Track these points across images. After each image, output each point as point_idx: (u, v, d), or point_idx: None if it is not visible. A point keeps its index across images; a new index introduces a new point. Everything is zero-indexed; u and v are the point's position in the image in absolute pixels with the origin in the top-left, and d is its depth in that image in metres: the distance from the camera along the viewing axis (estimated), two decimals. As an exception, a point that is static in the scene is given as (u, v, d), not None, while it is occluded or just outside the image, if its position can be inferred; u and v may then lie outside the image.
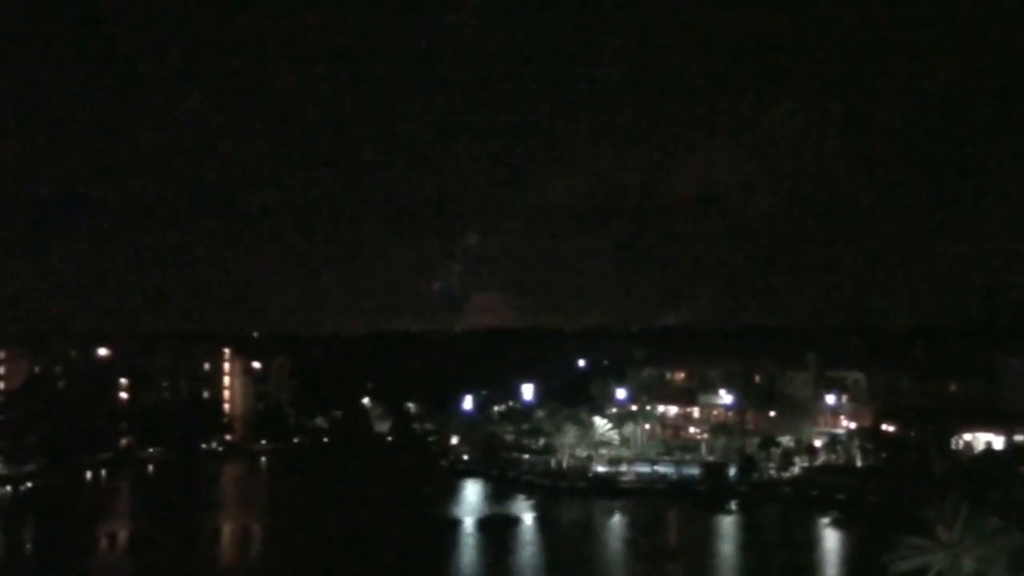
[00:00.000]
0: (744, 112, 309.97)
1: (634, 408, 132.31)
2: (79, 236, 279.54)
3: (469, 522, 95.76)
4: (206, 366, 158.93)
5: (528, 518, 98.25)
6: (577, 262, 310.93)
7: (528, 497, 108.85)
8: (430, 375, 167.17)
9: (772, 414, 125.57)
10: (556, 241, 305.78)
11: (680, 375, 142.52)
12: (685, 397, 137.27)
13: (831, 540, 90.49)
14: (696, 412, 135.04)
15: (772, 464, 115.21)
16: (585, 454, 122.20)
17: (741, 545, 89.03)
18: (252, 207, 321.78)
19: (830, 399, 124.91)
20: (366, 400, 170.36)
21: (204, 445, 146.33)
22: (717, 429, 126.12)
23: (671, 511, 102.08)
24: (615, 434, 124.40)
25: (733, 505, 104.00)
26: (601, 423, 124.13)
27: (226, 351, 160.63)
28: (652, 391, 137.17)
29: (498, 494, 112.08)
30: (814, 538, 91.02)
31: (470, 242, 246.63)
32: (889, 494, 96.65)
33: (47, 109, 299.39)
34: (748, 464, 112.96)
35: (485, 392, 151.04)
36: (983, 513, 51.38)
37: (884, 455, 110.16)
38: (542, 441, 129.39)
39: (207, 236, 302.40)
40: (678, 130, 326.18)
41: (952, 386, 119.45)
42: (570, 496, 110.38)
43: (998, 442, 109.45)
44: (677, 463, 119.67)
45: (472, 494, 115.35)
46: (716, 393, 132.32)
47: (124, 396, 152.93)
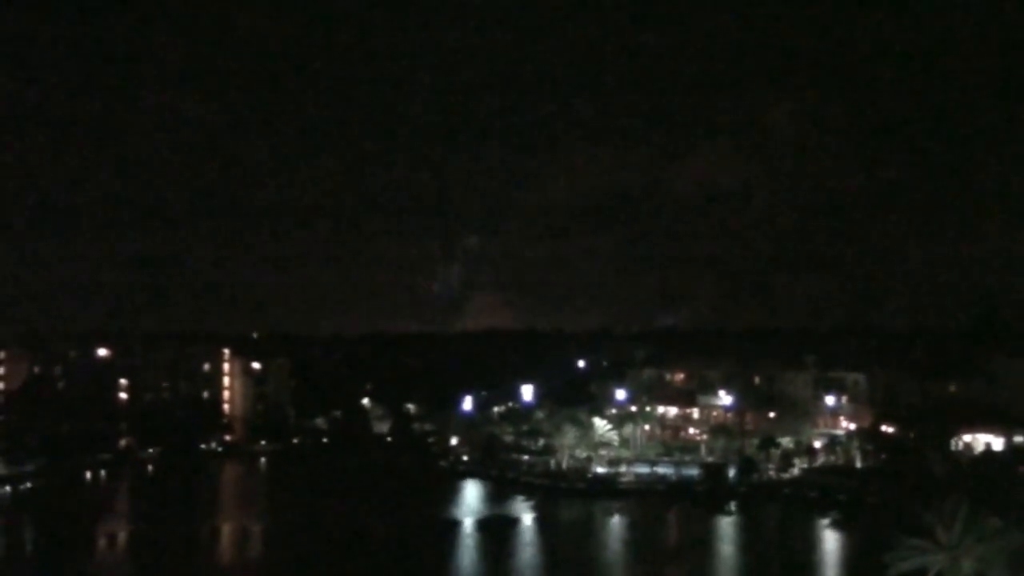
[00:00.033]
0: (744, 112, 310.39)
1: (634, 409, 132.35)
2: (79, 236, 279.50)
3: (468, 523, 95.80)
4: (206, 366, 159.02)
5: (527, 519, 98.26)
6: (577, 262, 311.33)
7: (527, 498, 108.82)
8: (430, 376, 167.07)
9: (772, 415, 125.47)
10: (556, 242, 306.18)
11: (680, 376, 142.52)
12: (685, 398, 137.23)
13: (831, 541, 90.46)
14: (696, 413, 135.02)
15: (772, 465, 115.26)
16: (585, 455, 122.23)
17: (741, 546, 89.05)
18: (252, 207, 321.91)
19: (830, 400, 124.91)
20: (366, 401, 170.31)
21: (204, 445, 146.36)
22: (717, 430, 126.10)
23: (671, 512, 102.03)
24: (615, 435, 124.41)
25: (733, 506, 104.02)
26: (601, 424, 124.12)
27: (226, 351, 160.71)
28: (652, 392, 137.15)
29: (497, 495, 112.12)
30: (814, 539, 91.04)
31: (470, 242, 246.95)
32: (889, 495, 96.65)
33: (47, 109, 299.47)
34: (748, 465, 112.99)
35: (485, 393, 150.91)
36: (983, 514, 51.38)
37: (884, 456, 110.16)
38: (541, 442, 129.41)
39: (207, 236, 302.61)
40: (678, 130, 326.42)
41: (952, 387, 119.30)
42: (569, 497, 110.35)
43: (998, 443, 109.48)
44: (677, 464, 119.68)
45: (471, 495, 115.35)
46: (716, 394, 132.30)
47: (124, 396, 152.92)
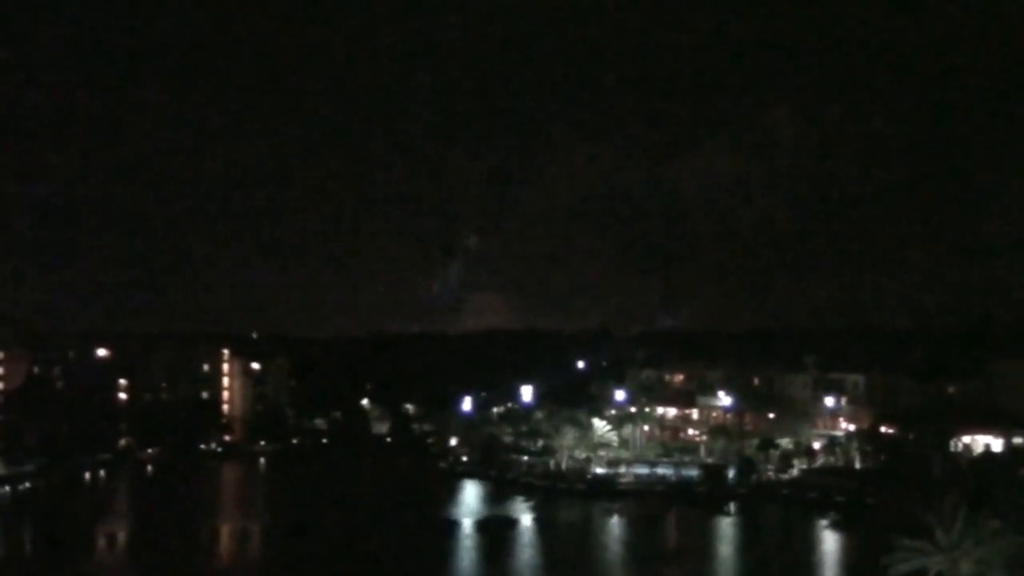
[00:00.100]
0: (744, 112, 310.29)
1: (633, 410, 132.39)
2: (79, 236, 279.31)
3: (468, 523, 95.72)
4: (205, 367, 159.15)
5: (526, 519, 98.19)
6: (576, 263, 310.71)
7: (527, 498, 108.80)
8: (429, 376, 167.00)
9: (771, 416, 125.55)
10: (555, 242, 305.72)
11: (679, 377, 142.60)
12: (684, 399, 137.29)
13: (830, 542, 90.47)
14: (695, 414, 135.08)
15: (771, 466, 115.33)
16: (584, 456, 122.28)
17: (740, 547, 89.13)
18: (251, 207, 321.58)
19: (829, 401, 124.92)
20: (365, 401, 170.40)
21: (203, 446, 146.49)
22: (716, 431, 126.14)
23: (670, 513, 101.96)
24: (614, 436, 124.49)
25: (732, 507, 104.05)
26: (600, 425, 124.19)
27: (225, 352, 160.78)
28: (651, 393, 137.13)
29: (497, 495, 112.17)
30: (813, 540, 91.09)
31: (469, 242, 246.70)
32: (888, 496, 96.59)
33: (47, 109, 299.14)
34: (747, 466, 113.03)
35: (484, 393, 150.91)
36: (982, 515, 51.44)
37: (883, 457, 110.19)
38: (541, 442, 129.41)
39: (207, 236, 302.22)
40: (678, 130, 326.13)
41: (951, 388, 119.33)
42: (569, 498, 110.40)
43: (997, 444, 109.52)
44: (676, 465, 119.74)
45: (471, 495, 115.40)
46: (715, 395, 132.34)
47: (123, 396, 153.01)
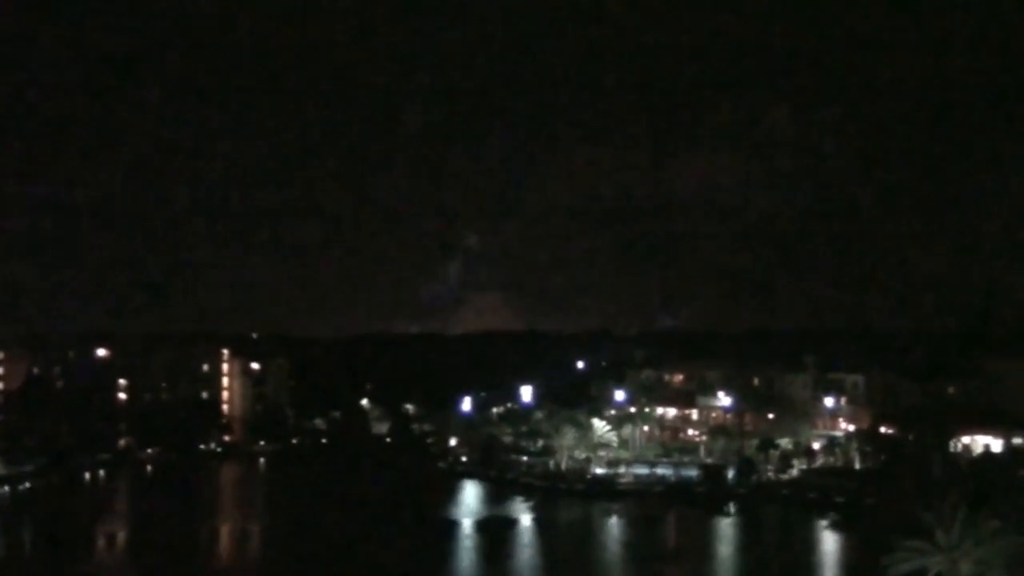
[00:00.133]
0: (744, 113, 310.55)
1: (633, 410, 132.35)
2: (80, 236, 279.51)
3: (467, 523, 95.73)
4: (205, 367, 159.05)
5: (526, 520, 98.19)
6: (576, 263, 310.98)
7: (526, 499, 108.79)
8: (429, 376, 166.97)
9: (771, 416, 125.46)
10: (555, 242, 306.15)
11: (679, 377, 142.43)
12: (684, 399, 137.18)
13: (829, 542, 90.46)
14: (695, 414, 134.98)
15: (771, 466, 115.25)
16: (584, 456, 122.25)
17: (740, 547, 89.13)
18: (251, 208, 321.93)
19: (829, 401, 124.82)
20: (365, 401, 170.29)
21: (203, 446, 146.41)
22: (716, 431, 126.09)
23: (670, 513, 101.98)
24: (614, 436, 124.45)
25: (731, 507, 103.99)
26: (600, 425, 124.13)
27: (225, 352, 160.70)
28: (651, 393, 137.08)
29: (496, 495, 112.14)
30: (813, 540, 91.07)
31: (469, 243, 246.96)
32: (887, 496, 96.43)
33: (47, 109, 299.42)
34: (747, 466, 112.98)
35: (484, 393, 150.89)
36: (981, 516, 51.40)
37: (882, 457, 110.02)
38: (541, 443, 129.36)
39: (207, 237, 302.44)
40: (678, 130, 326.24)
41: (950, 389, 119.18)
42: (568, 498, 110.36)
43: (996, 445, 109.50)
44: (676, 465, 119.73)
45: (470, 495, 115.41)
46: (715, 395, 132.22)
47: (123, 397, 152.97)
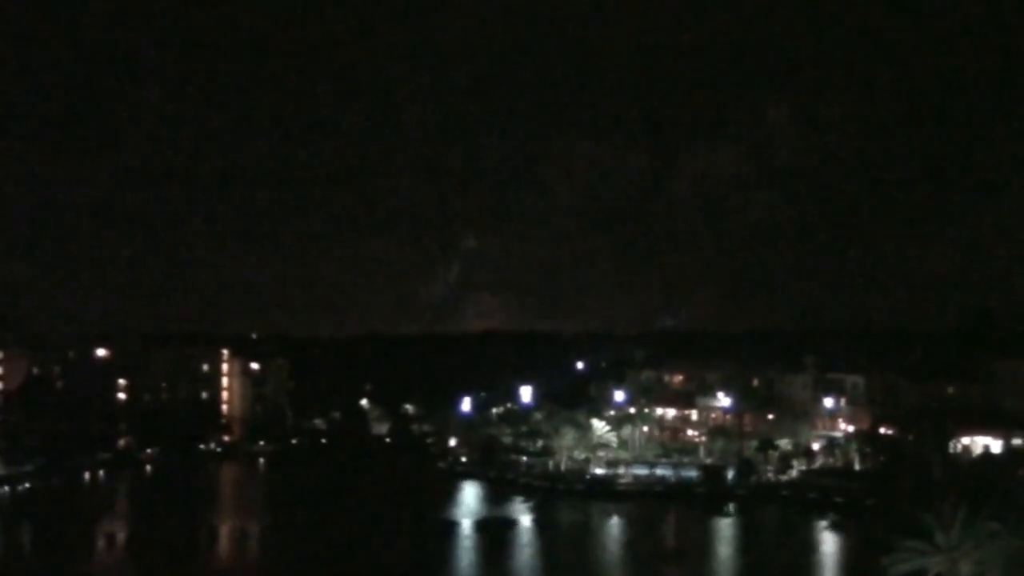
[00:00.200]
0: (744, 112, 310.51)
1: (632, 410, 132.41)
2: (80, 236, 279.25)
3: (467, 524, 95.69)
4: (204, 367, 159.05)
5: (526, 520, 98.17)
6: (576, 263, 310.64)
7: (526, 499, 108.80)
8: (428, 377, 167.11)
9: (770, 417, 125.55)
10: (555, 242, 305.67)
11: (678, 378, 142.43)
12: (683, 399, 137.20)
13: (829, 543, 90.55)
14: (694, 415, 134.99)
15: (770, 467, 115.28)
16: (583, 456, 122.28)
17: (739, 548, 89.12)
18: (251, 207, 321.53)
19: (828, 402, 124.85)
20: (364, 401, 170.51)
21: (202, 446, 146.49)
22: (715, 432, 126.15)
23: (669, 513, 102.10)
24: (613, 436, 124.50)
25: (731, 508, 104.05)
26: (599, 425, 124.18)
27: (224, 352, 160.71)
28: (650, 393, 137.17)
29: (496, 496, 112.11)
30: (812, 541, 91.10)
31: (468, 243, 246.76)
32: (887, 497, 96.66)
33: (47, 109, 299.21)
34: (746, 467, 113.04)
35: (483, 394, 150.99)
36: (981, 517, 51.40)
37: (882, 458, 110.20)
38: (540, 443, 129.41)
39: (206, 237, 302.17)
40: (678, 130, 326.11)
41: (950, 389, 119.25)
42: (568, 498, 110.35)
43: (996, 446, 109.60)
44: (675, 465, 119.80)
45: (470, 496, 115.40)
46: (714, 396, 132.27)
47: (123, 397, 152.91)
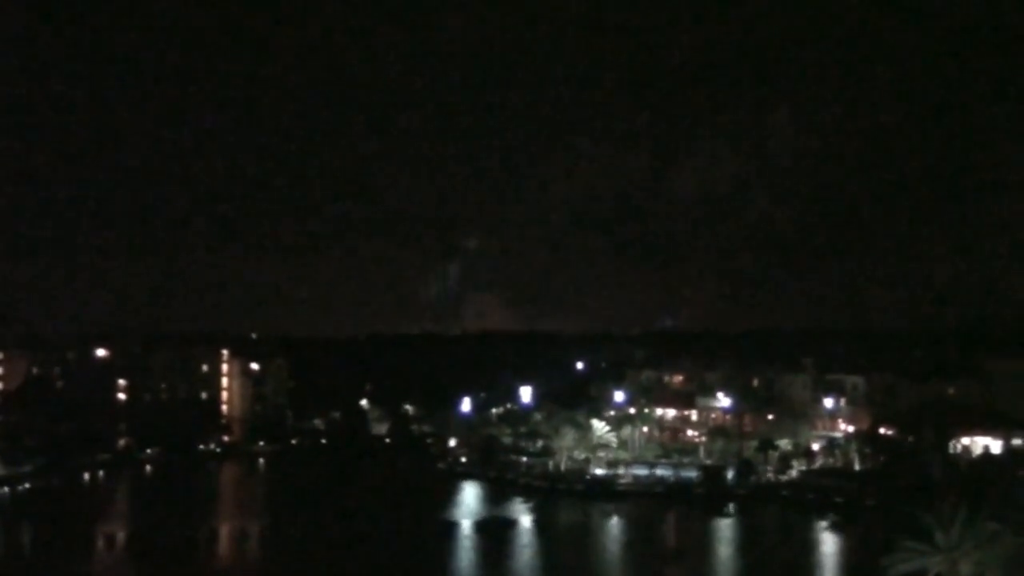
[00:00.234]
0: (743, 113, 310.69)
1: (632, 411, 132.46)
2: (80, 236, 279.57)
3: (467, 524, 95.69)
4: (204, 367, 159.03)
5: (526, 520, 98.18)
6: (575, 264, 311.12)
7: (526, 499, 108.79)
8: (428, 377, 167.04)
9: (770, 417, 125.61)
10: (555, 243, 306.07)
11: (678, 378, 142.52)
12: (683, 400, 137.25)
13: (829, 543, 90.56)
14: (694, 415, 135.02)
15: (770, 467, 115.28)
16: (583, 456, 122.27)
17: (739, 548, 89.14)
18: (252, 207, 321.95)
19: (828, 402, 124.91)
20: (364, 402, 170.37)
21: (202, 446, 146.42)
22: (715, 432, 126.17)
23: (669, 514, 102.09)
24: (613, 437, 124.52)
25: (731, 508, 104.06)
26: (599, 426, 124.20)
27: (224, 352, 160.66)
28: (650, 394, 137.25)
29: (496, 496, 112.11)
30: (812, 541, 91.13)
31: (469, 243, 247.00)
32: (887, 497, 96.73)
33: (47, 109, 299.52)
34: (746, 467, 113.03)
35: (483, 394, 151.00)
36: (981, 517, 51.40)
37: (882, 459, 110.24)
38: (540, 443, 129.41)
39: (206, 237, 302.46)
40: (678, 130, 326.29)
41: (950, 390, 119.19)
42: (568, 498, 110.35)
43: (996, 446, 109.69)
44: (675, 466, 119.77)
45: (470, 496, 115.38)
46: (714, 396, 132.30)
47: (122, 397, 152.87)
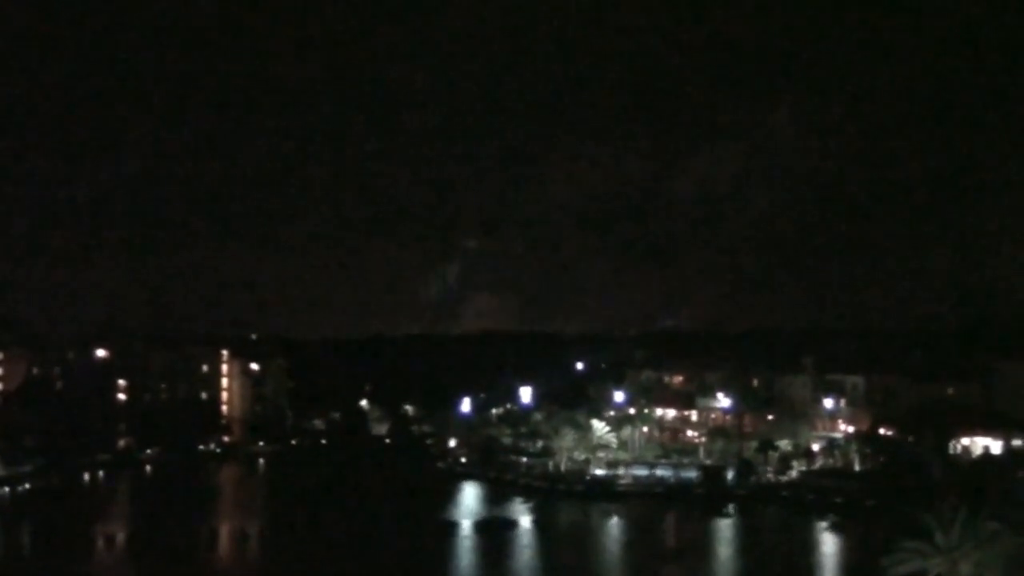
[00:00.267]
0: (744, 113, 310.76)
1: (632, 411, 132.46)
2: (79, 236, 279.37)
3: (466, 525, 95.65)
4: (204, 367, 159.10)
5: (525, 521, 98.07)
6: (575, 264, 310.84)
7: (526, 500, 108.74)
8: (428, 377, 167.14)
9: (770, 417, 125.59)
10: (555, 243, 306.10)
11: (678, 378, 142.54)
12: (683, 400, 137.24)
13: (829, 544, 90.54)
14: (694, 415, 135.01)
15: (770, 468, 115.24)
16: (583, 457, 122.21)
17: (739, 549, 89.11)
18: (251, 207, 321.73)
19: (828, 403, 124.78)
20: (364, 402, 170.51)
21: (202, 446, 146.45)
22: (715, 432, 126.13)
23: (669, 514, 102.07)
24: (613, 437, 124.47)
25: (731, 508, 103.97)
26: (599, 426, 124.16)
27: (224, 353, 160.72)
28: (650, 394, 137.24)
29: (495, 496, 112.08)
30: (812, 542, 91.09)
31: (468, 244, 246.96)
32: (887, 498, 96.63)
33: (47, 109, 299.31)
34: (746, 467, 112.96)
35: (483, 394, 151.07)
36: (981, 517, 51.39)
37: (882, 459, 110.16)
38: (540, 444, 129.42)
39: (206, 237, 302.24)
40: (678, 131, 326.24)
41: (950, 390, 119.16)
42: (568, 499, 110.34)
43: (996, 446, 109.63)
44: (675, 466, 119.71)
45: (469, 496, 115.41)
46: (714, 396, 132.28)
47: (122, 397, 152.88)
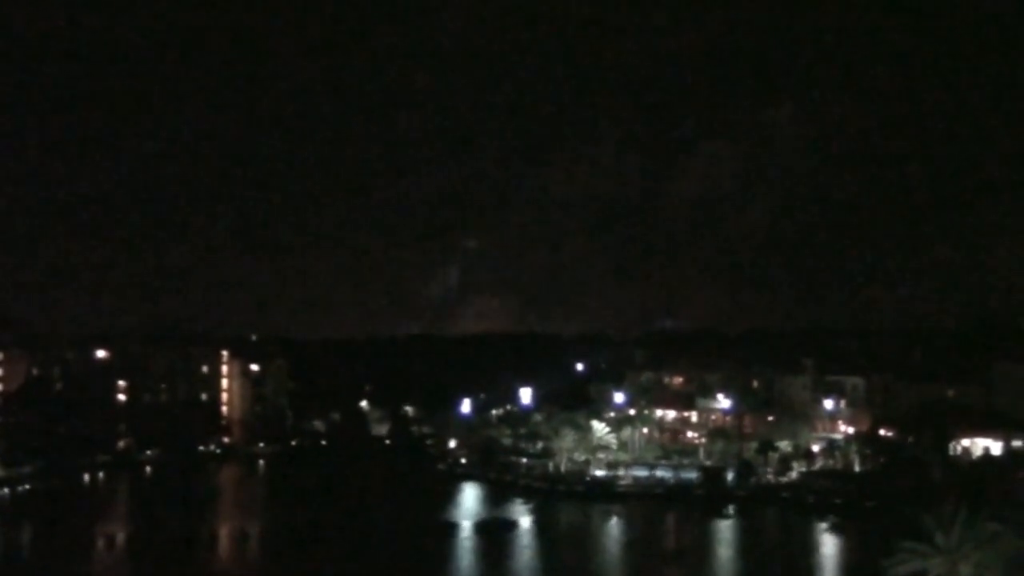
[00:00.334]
0: (744, 113, 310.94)
1: (632, 412, 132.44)
2: (80, 236, 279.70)
3: (466, 525, 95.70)
4: (204, 368, 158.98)
5: (525, 522, 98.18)
6: (575, 265, 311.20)
7: (526, 501, 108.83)
8: (428, 378, 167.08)
9: (770, 418, 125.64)
10: (555, 243, 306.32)
11: (678, 379, 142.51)
12: (683, 401, 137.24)
13: (829, 545, 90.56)
14: (694, 416, 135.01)
15: (770, 468, 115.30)
16: (583, 458, 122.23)
17: (739, 550, 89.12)
18: (252, 208, 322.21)
19: (828, 404, 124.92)
20: (364, 403, 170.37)
21: (202, 447, 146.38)
22: (715, 433, 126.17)
23: (669, 515, 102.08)
24: (613, 438, 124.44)
25: (731, 509, 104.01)
26: (599, 427, 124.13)
27: (224, 353, 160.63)
28: (650, 395, 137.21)
29: (496, 497, 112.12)
30: (812, 543, 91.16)
31: (468, 245, 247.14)
32: (887, 499, 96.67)
33: (47, 109, 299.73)
34: (746, 468, 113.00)
35: (483, 395, 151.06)
36: (981, 518, 51.41)
37: (882, 460, 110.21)
38: (540, 445, 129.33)
39: (206, 237, 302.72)
40: (678, 131, 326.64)
41: (950, 391, 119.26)
42: (568, 500, 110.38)
43: (996, 447, 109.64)
44: (675, 467, 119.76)
45: (470, 497, 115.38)
46: (714, 397, 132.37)
47: (122, 398, 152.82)
